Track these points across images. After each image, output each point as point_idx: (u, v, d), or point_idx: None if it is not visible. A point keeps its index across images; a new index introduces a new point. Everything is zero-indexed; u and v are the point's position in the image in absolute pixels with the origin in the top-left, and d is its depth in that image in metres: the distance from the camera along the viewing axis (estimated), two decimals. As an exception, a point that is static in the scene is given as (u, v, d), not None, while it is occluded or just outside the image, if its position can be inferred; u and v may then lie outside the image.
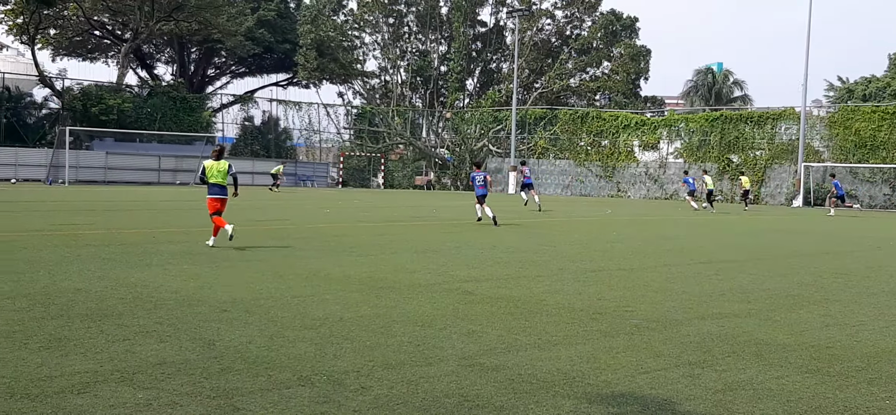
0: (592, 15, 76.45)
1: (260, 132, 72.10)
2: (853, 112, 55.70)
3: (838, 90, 75.58)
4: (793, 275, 14.94)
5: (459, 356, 7.74)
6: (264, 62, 79.20)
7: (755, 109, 64.98)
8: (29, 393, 6.17)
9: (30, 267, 12.77)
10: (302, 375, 6.93)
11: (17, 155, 55.62)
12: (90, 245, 16.23)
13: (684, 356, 8.07)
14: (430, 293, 11.37)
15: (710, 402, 6.55)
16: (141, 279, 11.84)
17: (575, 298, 11.36)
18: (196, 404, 6.05)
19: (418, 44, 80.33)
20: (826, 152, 56.04)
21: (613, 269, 15.07)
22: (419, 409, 6.12)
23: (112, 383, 6.51)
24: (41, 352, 7.40)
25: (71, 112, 60.23)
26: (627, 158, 63.60)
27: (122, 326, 8.61)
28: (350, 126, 76.81)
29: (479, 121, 72.35)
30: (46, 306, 9.54)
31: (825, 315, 10.66)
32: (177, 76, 74.71)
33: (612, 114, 65.88)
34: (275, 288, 11.43)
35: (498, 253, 17.15)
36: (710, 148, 59.26)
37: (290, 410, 6.00)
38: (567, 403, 6.39)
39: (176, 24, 66.32)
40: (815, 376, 7.47)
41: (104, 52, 75.91)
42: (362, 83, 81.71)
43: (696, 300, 11.53)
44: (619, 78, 74.16)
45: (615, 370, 7.44)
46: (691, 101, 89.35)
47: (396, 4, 78.35)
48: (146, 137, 62.61)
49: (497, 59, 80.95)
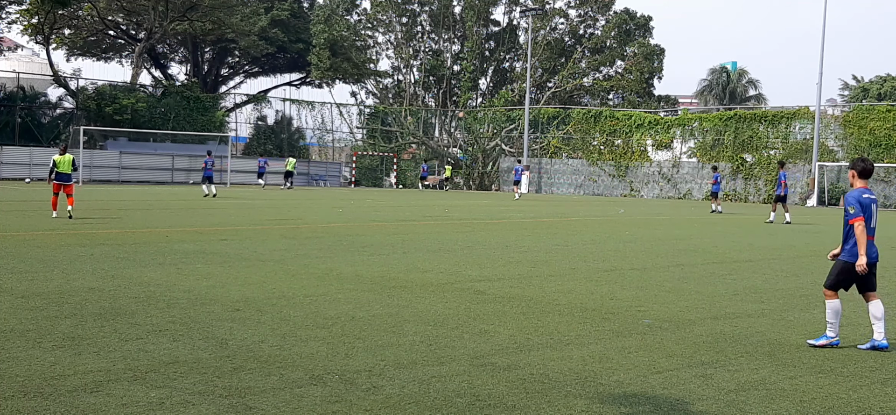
0: (606, 14, 76.21)
1: (273, 132, 72.23)
2: (868, 111, 55.40)
3: (853, 89, 75.27)
4: (806, 275, 14.87)
5: (471, 356, 7.74)
6: (277, 62, 79.32)
7: (769, 108, 64.72)
8: (42, 391, 6.20)
9: (43, 266, 12.83)
10: (314, 374, 6.94)
11: (32, 155, 55.86)
12: (103, 244, 16.30)
13: (697, 356, 8.04)
14: (441, 293, 11.37)
15: (722, 402, 6.53)
16: (154, 278, 11.88)
17: (587, 298, 11.34)
18: (208, 402, 6.06)
19: (431, 43, 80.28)
20: (840, 152, 55.74)
21: (626, 268, 15.04)
22: (431, 408, 6.12)
23: (125, 381, 6.54)
24: (54, 351, 7.44)
25: (85, 112, 60.48)
26: (640, 158, 63.42)
27: (134, 325, 8.65)
28: (363, 126, 76.85)
29: (492, 120, 72.30)
30: (60, 305, 9.59)
31: (839, 315, 10.60)
32: (190, 76, 74.92)
33: (626, 113, 65.70)
34: (287, 287, 11.45)
35: (510, 252, 17.14)
36: (724, 147, 59.03)
37: (303, 409, 6.01)
38: (579, 402, 6.38)
39: (190, 23, 66.51)
40: (829, 377, 7.44)
41: (118, 52, 76.18)
42: (375, 83, 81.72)
43: (708, 300, 11.49)
44: (632, 77, 73.87)
45: (627, 370, 7.42)
46: (705, 101, 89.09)
47: (410, 4, 78.33)
48: (160, 137, 62.79)
49: (510, 59, 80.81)
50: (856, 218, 8.45)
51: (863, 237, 8.47)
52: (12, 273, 11.98)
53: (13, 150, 56.09)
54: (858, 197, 8.56)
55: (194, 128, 63.21)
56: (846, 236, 8.63)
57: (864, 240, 8.47)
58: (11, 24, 64.04)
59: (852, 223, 8.48)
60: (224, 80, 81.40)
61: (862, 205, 8.52)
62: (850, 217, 8.49)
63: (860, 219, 8.45)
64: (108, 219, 23.35)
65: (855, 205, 8.49)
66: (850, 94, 75.16)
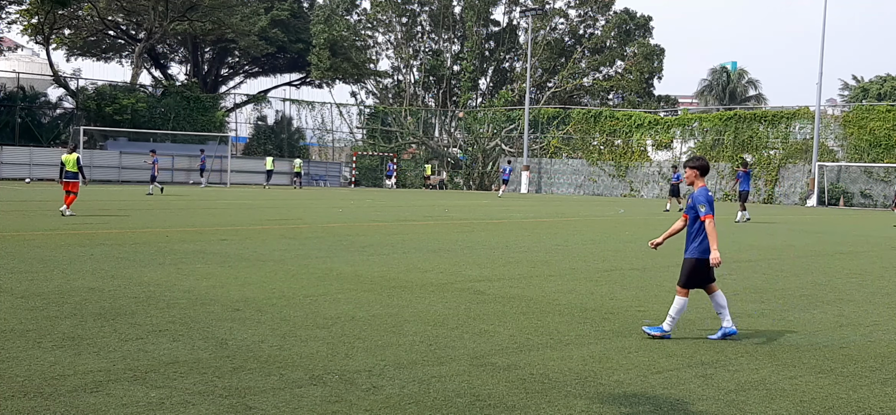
0: (606, 14, 76.23)
1: (273, 132, 72.25)
2: (868, 111, 55.41)
3: (853, 89, 75.29)
4: (806, 275, 14.87)
5: (471, 356, 7.74)
6: (277, 62, 79.36)
7: (769, 108, 64.72)
8: (42, 391, 6.19)
9: (43, 266, 12.83)
10: (314, 374, 6.93)
11: (32, 155, 55.89)
12: (103, 244, 16.29)
13: (697, 356, 8.04)
14: (441, 293, 11.36)
15: (722, 402, 6.53)
16: (154, 278, 11.88)
17: (587, 298, 11.34)
18: (208, 403, 6.06)
19: (431, 43, 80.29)
20: (840, 152, 55.76)
21: (626, 268, 15.03)
22: (431, 408, 6.12)
23: (125, 381, 6.53)
24: (54, 351, 7.43)
25: (85, 112, 60.49)
26: (640, 158, 63.42)
27: (134, 325, 8.64)
28: (363, 126, 76.87)
29: (492, 120, 72.31)
30: (60, 305, 9.59)
31: (839, 315, 10.61)
32: (190, 76, 74.95)
33: (626, 113, 65.70)
34: (287, 287, 11.44)
35: (510, 252, 17.13)
36: (724, 147, 59.03)
37: (302, 409, 6.01)
38: (579, 403, 6.38)
39: (190, 23, 66.54)
40: (829, 377, 7.44)
41: (118, 52, 76.21)
42: (375, 83, 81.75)
43: (708, 300, 11.48)
44: (632, 77, 73.89)
45: (627, 370, 7.42)
46: (705, 101, 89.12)
47: (409, 4, 78.33)
48: (160, 137, 62.81)
49: (510, 59, 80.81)
50: (708, 215, 8.67)
51: (715, 233, 8.69)
52: (12, 273, 11.98)
53: (13, 150, 56.12)
54: (707, 195, 8.80)
55: (194, 128, 63.23)
56: (695, 234, 8.80)
57: (715, 235, 8.69)
58: (11, 24, 64.11)
59: (703, 220, 8.68)
60: (224, 80, 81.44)
61: (710, 203, 8.76)
62: (702, 214, 8.68)
63: (712, 216, 8.69)
64: (108, 219, 23.34)
65: (705, 203, 8.72)
66: (849, 95, 75.17)
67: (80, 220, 22.25)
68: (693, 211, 8.82)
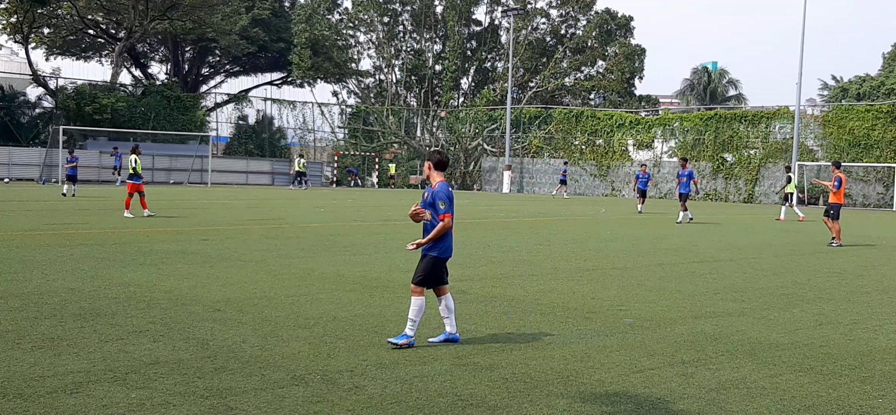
0: (587, 14, 76.39)
1: (254, 131, 71.97)
2: (847, 111, 55.78)
3: (832, 89, 75.69)
4: (787, 274, 14.96)
5: (453, 355, 7.74)
6: (259, 61, 79.06)
7: (749, 107, 65.04)
8: (21, 393, 6.15)
9: (23, 266, 12.74)
10: (296, 374, 6.92)
11: (11, 154, 55.43)
12: (83, 244, 16.19)
13: (678, 355, 8.08)
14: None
15: (703, 400, 6.56)
16: (134, 279, 11.82)
17: (569, 298, 11.36)
18: (189, 403, 6.04)
19: (413, 43, 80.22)
20: (820, 151, 56.10)
21: (607, 268, 15.08)
22: (413, 408, 6.12)
23: (105, 382, 6.50)
24: (34, 352, 7.38)
25: (64, 111, 60.05)
26: (622, 158, 63.60)
27: (115, 325, 8.60)
28: (344, 125, 76.72)
29: (474, 120, 72.36)
30: (39, 306, 9.52)
31: (819, 314, 10.68)
32: (171, 75, 74.57)
33: (607, 113, 65.86)
34: (269, 287, 11.41)
35: (492, 252, 17.15)
36: (705, 147, 59.29)
37: (284, 409, 6.00)
38: (561, 402, 6.39)
39: (170, 22, 66.13)
40: (809, 375, 7.48)
41: (98, 51, 75.71)
42: (357, 82, 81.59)
43: (689, 299, 11.54)
44: (613, 77, 74.11)
45: (609, 369, 7.44)
46: (686, 100, 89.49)
47: (391, 3, 78.23)
48: (140, 137, 62.41)
49: (492, 59, 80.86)
50: (446, 214, 8.18)
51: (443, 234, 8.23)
52: (-9, 274, 11.88)
53: (-8, 149, 55.65)
54: (447, 191, 8.31)
55: (175, 127, 62.90)
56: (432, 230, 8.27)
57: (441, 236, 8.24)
58: (-10, 23, 63.51)
59: (441, 219, 8.17)
60: (205, 79, 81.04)
61: (451, 199, 8.30)
62: (441, 212, 8.17)
63: (450, 215, 8.22)
64: (88, 219, 23.19)
65: (445, 200, 8.23)
66: (829, 94, 75.55)
67: (59, 222, 22.09)
68: (432, 207, 8.27)
